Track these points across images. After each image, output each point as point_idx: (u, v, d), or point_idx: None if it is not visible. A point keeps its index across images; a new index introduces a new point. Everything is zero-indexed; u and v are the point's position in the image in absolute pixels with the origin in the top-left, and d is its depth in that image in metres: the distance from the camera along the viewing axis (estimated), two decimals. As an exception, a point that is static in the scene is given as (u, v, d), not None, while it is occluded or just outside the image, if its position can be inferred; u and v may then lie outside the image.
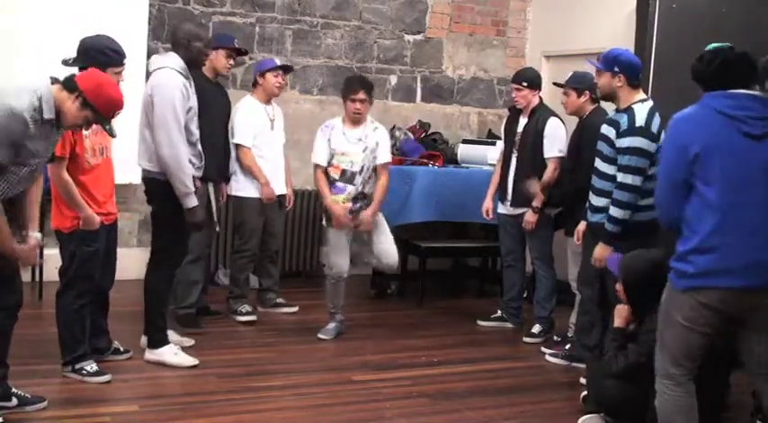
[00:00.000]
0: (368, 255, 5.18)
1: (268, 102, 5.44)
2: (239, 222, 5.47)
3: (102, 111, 3.41)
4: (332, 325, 5.20)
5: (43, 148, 3.38)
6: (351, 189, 4.99)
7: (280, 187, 5.45)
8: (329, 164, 5.01)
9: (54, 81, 3.39)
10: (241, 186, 5.35)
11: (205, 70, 4.98)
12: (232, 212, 5.81)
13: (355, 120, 5.00)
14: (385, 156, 5.07)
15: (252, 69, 6.52)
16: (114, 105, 3.46)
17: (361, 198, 5.02)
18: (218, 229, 5.34)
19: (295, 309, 5.70)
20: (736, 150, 2.93)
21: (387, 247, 5.11)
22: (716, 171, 2.94)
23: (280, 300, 5.71)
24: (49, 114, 3.29)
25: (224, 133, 5.24)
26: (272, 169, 5.39)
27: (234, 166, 5.37)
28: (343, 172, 4.98)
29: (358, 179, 4.98)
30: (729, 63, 3.00)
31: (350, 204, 4.99)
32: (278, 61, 5.51)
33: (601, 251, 4.22)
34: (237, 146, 5.31)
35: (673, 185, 3.04)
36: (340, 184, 4.99)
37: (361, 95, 4.94)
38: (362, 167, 4.98)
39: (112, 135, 3.56)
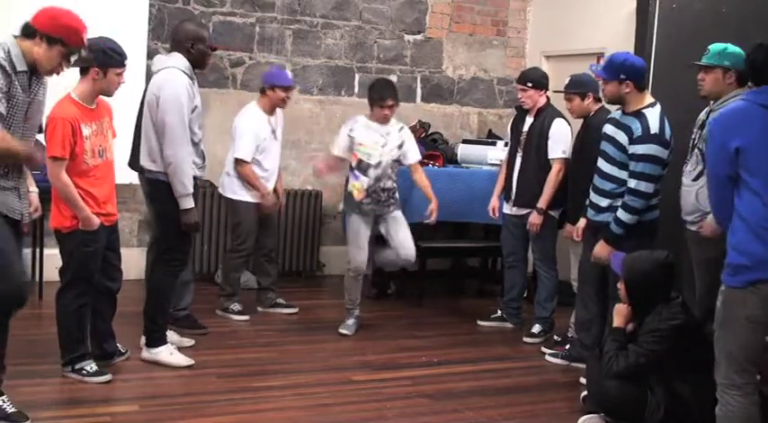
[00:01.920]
0: (389, 256, 5.30)
1: (272, 112, 5.42)
2: (236, 223, 5.46)
3: (69, 40, 3.37)
4: (351, 320, 5.30)
5: (24, 95, 3.31)
6: (364, 180, 5.09)
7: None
8: (350, 150, 5.15)
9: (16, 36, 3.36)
10: (237, 189, 5.34)
11: None
12: (227, 213, 5.81)
13: (383, 122, 5.15)
14: (415, 155, 5.31)
15: (251, 69, 6.55)
16: (77, 30, 3.42)
17: (380, 192, 5.10)
18: None
19: (295, 310, 5.69)
20: None
21: (404, 240, 5.20)
22: (760, 163, 2.90)
23: (279, 300, 5.71)
24: (21, 67, 3.29)
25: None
26: (270, 177, 5.39)
27: (231, 170, 5.35)
28: (360, 161, 5.11)
29: (372, 172, 5.08)
30: None
31: (363, 194, 5.09)
32: (290, 75, 5.50)
33: (601, 249, 4.24)
34: (237, 160, 5.28)
35: (720, 183, 3.03)
36: (356, 172, 5.13)
37: (390, 102, 5.09)
38: (379, 163, 5.09)
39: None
